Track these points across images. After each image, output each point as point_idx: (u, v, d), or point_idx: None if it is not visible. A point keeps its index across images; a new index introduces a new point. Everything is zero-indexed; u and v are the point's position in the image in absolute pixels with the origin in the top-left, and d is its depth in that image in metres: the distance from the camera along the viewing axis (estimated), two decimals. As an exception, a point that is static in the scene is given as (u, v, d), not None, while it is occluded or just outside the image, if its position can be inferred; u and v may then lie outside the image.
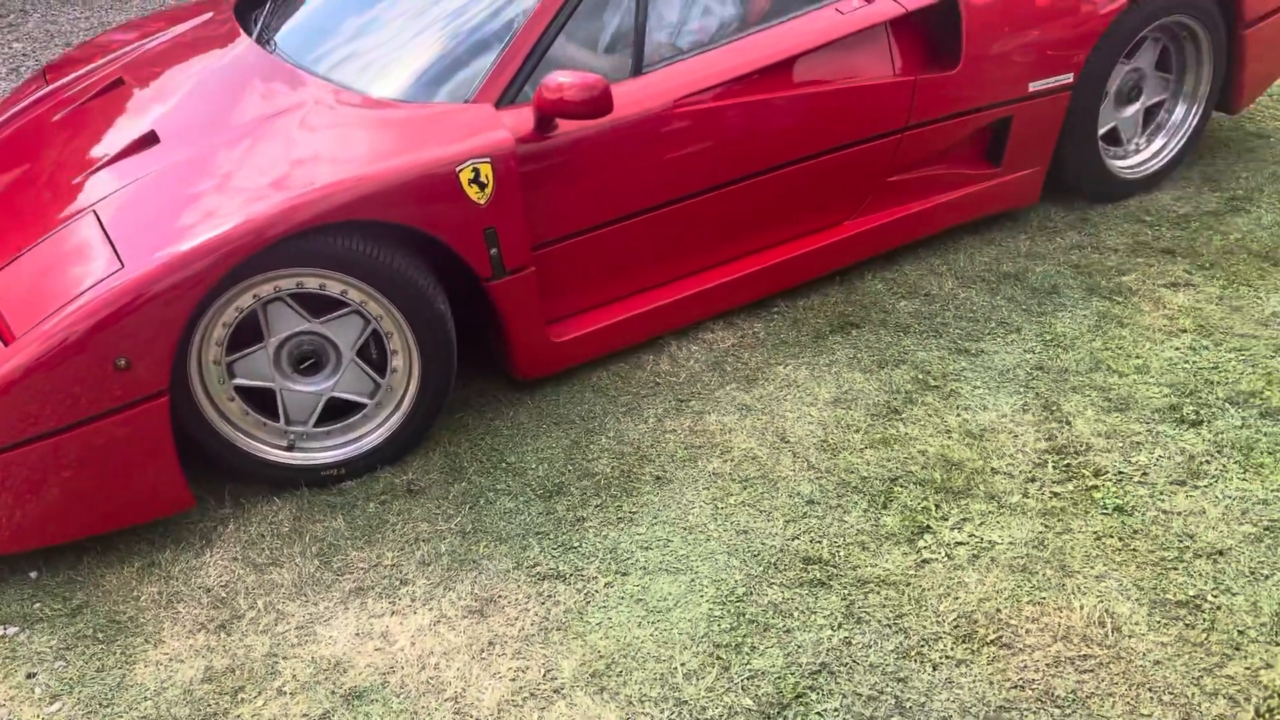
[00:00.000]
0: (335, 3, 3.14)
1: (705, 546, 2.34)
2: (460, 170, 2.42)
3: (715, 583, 2.25)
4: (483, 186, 2.45)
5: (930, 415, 2.70)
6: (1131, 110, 3.54)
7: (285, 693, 2.07)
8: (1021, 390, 2.77)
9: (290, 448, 2.54)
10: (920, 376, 2.83)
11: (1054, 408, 2.70)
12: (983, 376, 2.83)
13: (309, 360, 2.50)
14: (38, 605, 2.28)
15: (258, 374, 2.47)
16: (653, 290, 2.93)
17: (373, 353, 2.56)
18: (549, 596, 2.24)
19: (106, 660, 2.16)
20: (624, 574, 2.28)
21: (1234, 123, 4.05)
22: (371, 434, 2.60)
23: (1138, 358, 2.85)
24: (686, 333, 3.02)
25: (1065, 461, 2.53)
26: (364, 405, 2.58)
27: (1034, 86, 3.20)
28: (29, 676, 2.13)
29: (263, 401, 2.51)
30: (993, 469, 2.51)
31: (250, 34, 3.07)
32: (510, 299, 2.60)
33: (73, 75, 3.18)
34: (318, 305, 2.45)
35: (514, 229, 2.53)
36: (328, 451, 2.57)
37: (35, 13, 6.59)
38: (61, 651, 2.18)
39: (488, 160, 2.45)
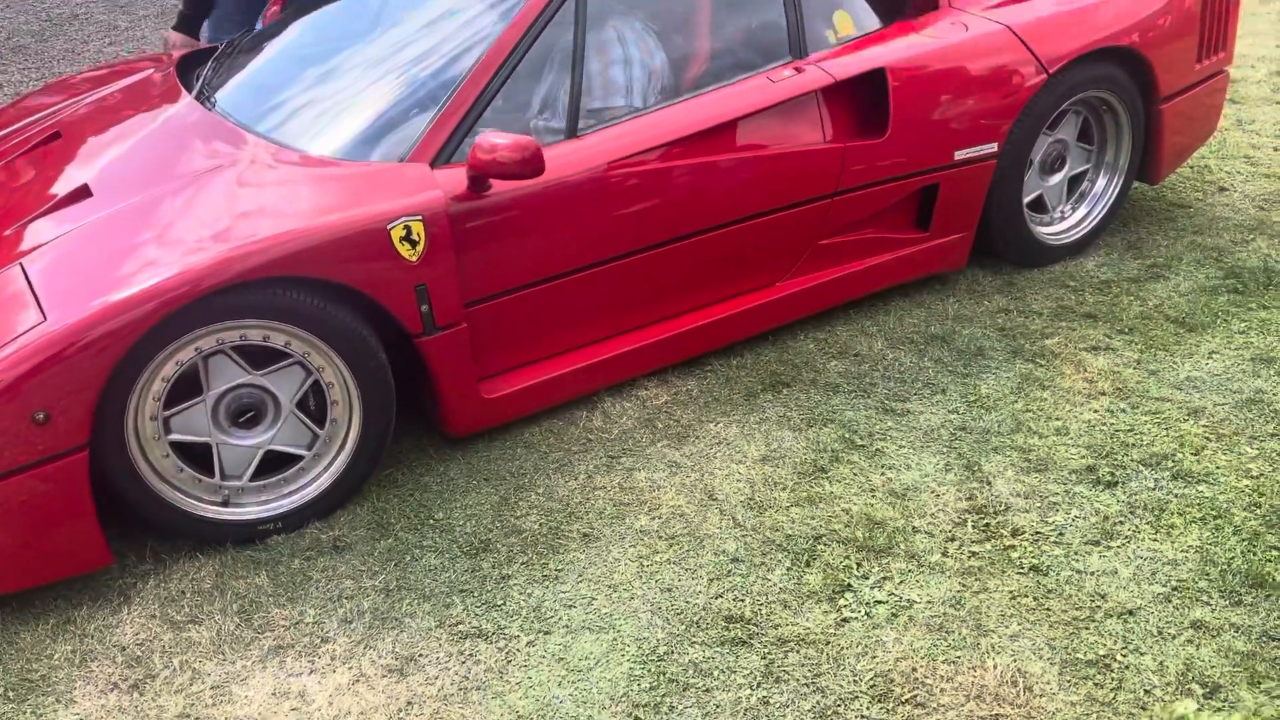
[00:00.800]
0: (276, 62, 3.18)
1: (629, 605, 2.35)
2: (392, 228, 2.45)
3: (637, 641, 2.26)
4: (414, 244, 2.48)
5: (856, 474, 2.74)
6: (1055, 179, 3.67)
7: (197, 754, 2.04)
8: (945, 450, 2.83)
9: (225, 503, 2.52)
10: (847, 436, 2.89)
11: (975, 468, 2.76)
12: (908, 436, 2.88)
13: (248, 413, 2.49)
14: (-54, 663, 2.23)
15: (194, 429, 2.45)
16: (586, 347, 2.96)
17: (311, 404, 2.56)
18: (470, 655, 2.23)
19: (15, 720, 2.12)
20: (546, 632, 2.29)
21: (1156, 192, 4.20)
22: (308, 487, 2.58)
23: (1058, 419, 2.93)
24: (620, 389, 3.06)
25: (984, 521, 2.58)
26: (301, 457, 2.57)
27: (960, 155, 3.31)
28: (-67, 737, 2.08)
29: (196, 456, 2.49)
30: (914, 528, 2.56)
31: (191, 91, 3.10)
32: (441, 355, 2.62)
33: (9, 129, 3.19)
34: (259, 357, 2.45)
35: (446, 286, 2.56)
36: (263, 506, 2.55)
37: (-17, 60, 6.56)
38: (-33, 711, 2.13)
39: (419, 218, 2.48)
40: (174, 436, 2.43)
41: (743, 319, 3.17)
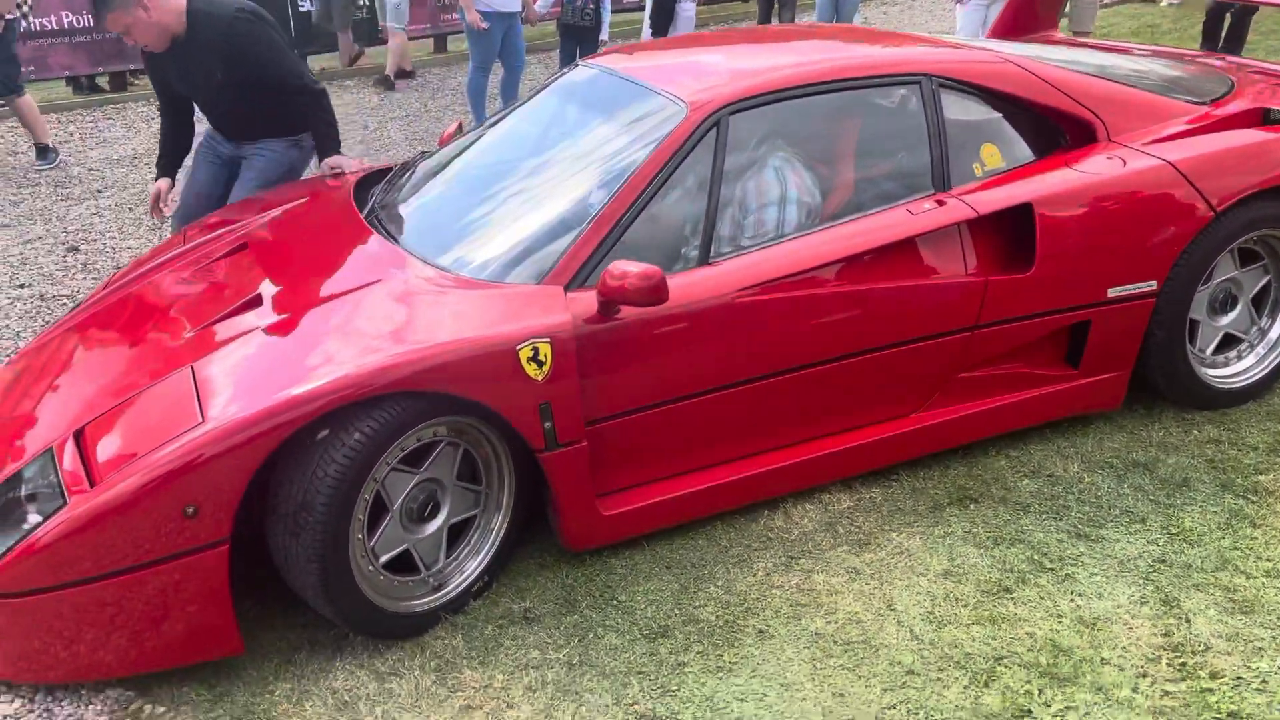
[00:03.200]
0: (436, 188, 3.43)
1: (800, 705, 2.39)
2: (520, 349, 2.57)
3: (806, 742, 2.29)
4: (541, 364, 2.59)
5: (1042, 598, 2.69)
6: (1230, 317, 3.48)
7: (389, 797, 2.20)
8: (1141, 582, 2.73)
9: (438, 588, 2.72)
10: (1036, 558, 2.83)
11: (1174, 603, 2.64)
12: (1101, 564, 2.80)
13: (426, 507, 2.68)
14: (186, 688, 2.52)
15: (393, 543, 2.63)
16: (707, 470, 2.97)
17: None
18: (643, 736, 2.33)
19: (237, 746, 2.36)
20: (718, 722, 2.35)
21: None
22: (494, 534, 2.78)
23: (1268, 560, 2.77)
24: (803, 491, 3.12)
25: (1181, 660, 2.47)
26: (474, 517, 2.77)
27: (1114, 292, 3.21)
28: (169, 753, 2.35)
29: (393, 565, 2.66)
30: (1103, 659, 2.48)
31: (363, 210, 3.37)
32: (561, 471, 2.69)
33: (207, 236, 3.57)
34: (415, 455, 2.62)
35: (569, 405, 2.64)
36: (466, 572, 2.76)
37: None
38: (200, 733, 2.40)
39: (547, 340, 2.59)
40: (383, 559, 2.62)
41: (872, 450, 3.13)
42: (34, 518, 2.41)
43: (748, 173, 3.07)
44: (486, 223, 3.12)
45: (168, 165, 4.15)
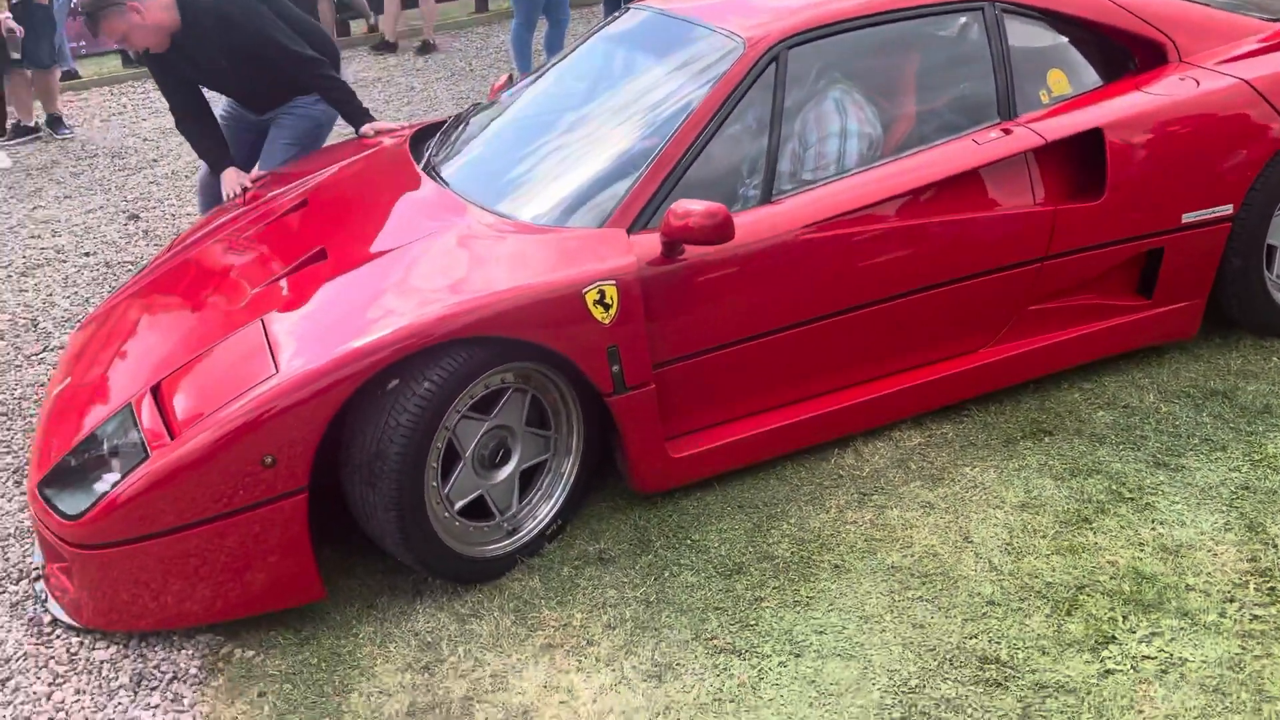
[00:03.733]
0: (492, 137, 3.41)
1: (880, 636, 2.38)
2: (586, 292, 2.57)
3: (888, 672, 2.28)
4: (607, 307, 2.58)
5: (1123, 527, 2.65)
6: None
7: (477, 733, 2.24)
8: (1224, 509, 2.67)
9: (512, 532, 2.75)
10: (1114, 488, 2.79)
11: (1259, 529, 2.59)
12: (1182, 492, 2.75)
13: (498, 453, 2.69)
14: (273, 632, 2.57)
15: (466, 490, 2.64)
16: (776, 410, 2.94)
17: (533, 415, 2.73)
18: (724, 669, 2.34)
19: (326, 687, 2.41)
20: (797, 655, 2.35)
21: None
22: (564, 477, 2.78)
23: (1359, 484, 2.70)
24: (873, 429, 3.09)
25: (1270, 585, 2.42)
26: (545, 461, 2.78)
27: (1189, 218, 3.11)
28: (260, 695, 2.40)
29: (469, 510, 2.68)
30: (1187, 585, 2.44)
31: (419, 163, 3.36)
32: (630, 414, 2.68)
33: (269, 195, 3.59)
34: (485, 402, 2.62)
35: (636, 347, 2.63)
36: (539, 516, 2.77)
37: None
38: (289, 675, 2.45)
39: (613, 283, 2.58)
40: (458, 505, 2.64)
41: (942, 386, 3.08)
42: (115, 473, 2.47)
43: (807, 107, 3.01)
44: (545, 168, 3.11)
45: (221, 156, 4.04)
